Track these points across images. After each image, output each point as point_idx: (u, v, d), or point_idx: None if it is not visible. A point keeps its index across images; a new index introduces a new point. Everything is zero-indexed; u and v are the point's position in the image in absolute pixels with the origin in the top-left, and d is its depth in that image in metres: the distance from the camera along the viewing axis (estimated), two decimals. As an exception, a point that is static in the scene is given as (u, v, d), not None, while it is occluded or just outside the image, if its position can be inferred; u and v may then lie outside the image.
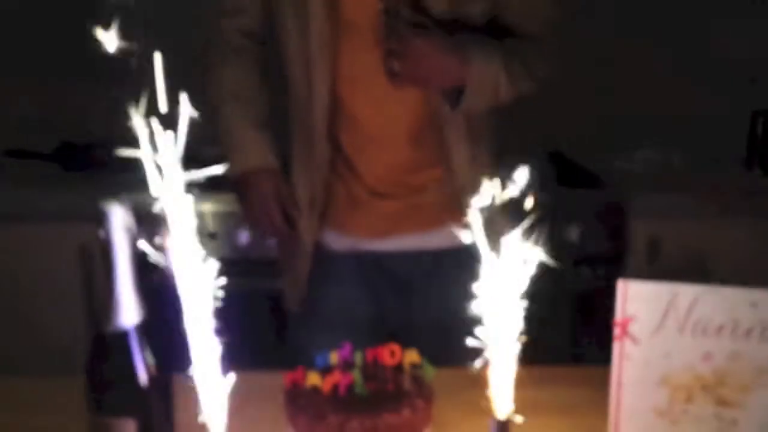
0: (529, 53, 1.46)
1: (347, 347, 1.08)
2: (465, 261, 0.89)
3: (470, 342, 0.93)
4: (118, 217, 0.91)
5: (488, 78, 1.38)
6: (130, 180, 2.12)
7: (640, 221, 2.12)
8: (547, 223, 1.96)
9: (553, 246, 2.02)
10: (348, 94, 1.44)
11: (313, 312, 1.56)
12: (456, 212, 1.40)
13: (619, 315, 1.02)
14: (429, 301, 1.54)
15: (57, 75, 2.47)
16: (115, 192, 1.93)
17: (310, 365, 1.08)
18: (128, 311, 0.92)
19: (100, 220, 0.90)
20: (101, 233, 0.90)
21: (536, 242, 0.93)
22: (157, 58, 0.80)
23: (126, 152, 0.86)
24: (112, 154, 2.29)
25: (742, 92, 2.52)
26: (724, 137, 2.48)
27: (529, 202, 0.94)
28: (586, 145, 2.43)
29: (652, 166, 2.38)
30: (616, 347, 1.03)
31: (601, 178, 2.29)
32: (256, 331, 1.77)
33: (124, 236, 0.91)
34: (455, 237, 1.37)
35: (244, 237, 1.98)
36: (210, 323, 0.86)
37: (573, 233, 2.11)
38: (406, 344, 1.10)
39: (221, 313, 0.88)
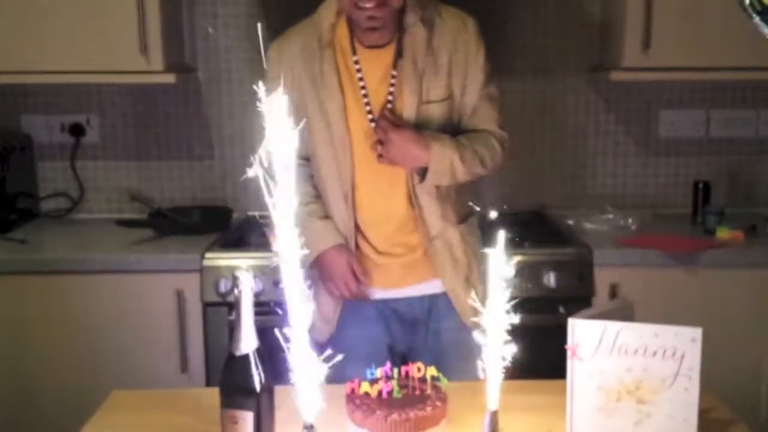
0: (478, 144, 1.78)
1: (388, 365, 1.38)
2: (450, 303, 1.18)
3: (473, 359, 1.17)
4: (246, 280, 1.21)
5: (444, 160, 1.72)
6: (204, 240, 2.55)
7: (602, 270, 2.32)
8: (532, 272, 2.34)
9: (536, 289, 2.39)
10: (362, 196, 1.81)
11: (344, 343, 1.79)
12: (439, 267, 1.80)
13: (570, 342, 1.27)
14: (427, 332, 1.86)
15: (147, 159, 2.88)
16: (196, 249, 2.31)
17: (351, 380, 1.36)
18: (249, 341, 1.23)
19: (235, 281, 1.19)
20: (235, 291, 1.20)
21: (522, 286, 1.15)
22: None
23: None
24: (189, 220, 2.79)
25: (685, 166, 2.84)
26: (671, 202, 2.80)
27: (513, 257, 1.15)
28: (562, 209, 2.75)
29: (613, 227, 2.55)
30: (569, 365, 1.27)
31: (573, 236, 2.50)
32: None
33: (249, 293, 1.21)
34: (441, 285, 1.75)
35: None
36: (306, 347, 1.13)
37: (551, 279, 2.30)
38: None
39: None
